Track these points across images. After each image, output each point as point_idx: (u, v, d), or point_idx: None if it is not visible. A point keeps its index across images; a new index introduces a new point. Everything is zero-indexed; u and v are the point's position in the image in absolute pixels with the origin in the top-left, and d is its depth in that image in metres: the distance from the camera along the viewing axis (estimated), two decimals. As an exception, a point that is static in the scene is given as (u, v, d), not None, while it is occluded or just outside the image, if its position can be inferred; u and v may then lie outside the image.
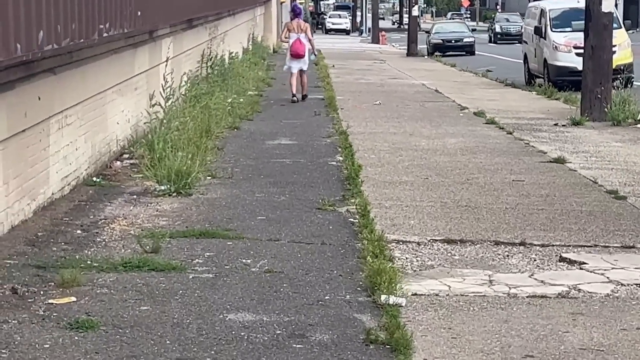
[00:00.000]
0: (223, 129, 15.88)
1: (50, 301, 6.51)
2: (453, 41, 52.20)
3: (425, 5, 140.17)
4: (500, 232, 8.90)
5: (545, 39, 27.98)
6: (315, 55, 23.48)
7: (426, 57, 49.71)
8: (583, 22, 28.15)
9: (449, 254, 8.15)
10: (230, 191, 10.79)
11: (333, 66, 35.60)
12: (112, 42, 11.82)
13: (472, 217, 9.56)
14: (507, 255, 8.11)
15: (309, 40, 22.05)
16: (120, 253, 7.86)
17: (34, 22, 8.05)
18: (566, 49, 27.27)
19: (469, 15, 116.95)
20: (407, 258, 7.99)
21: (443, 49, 51.19)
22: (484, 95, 24.70)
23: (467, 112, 20.01)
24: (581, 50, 26.98)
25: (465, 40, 52.46)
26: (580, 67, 26.84)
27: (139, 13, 13.01)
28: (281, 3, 60.48)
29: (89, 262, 7.51)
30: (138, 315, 6.27)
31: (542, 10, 29.04)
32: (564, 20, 28.30)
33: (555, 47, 27.40)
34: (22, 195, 8.78)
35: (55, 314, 6.24)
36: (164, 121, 14.09)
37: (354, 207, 9.73)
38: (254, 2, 37.45)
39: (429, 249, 8.32)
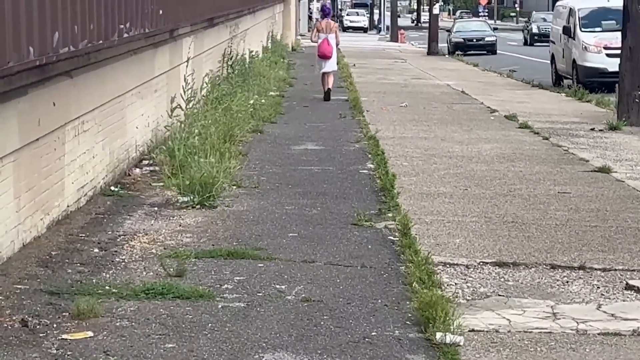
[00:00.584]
0: (246, 132, 15.17)
1: (64, 336, 5.80)
2: (474, 40, 51.37)
3: (442, 4, 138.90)
4: (555, 254, 8.16)
5: (574, 39, 27.18)
6: (337, 49, 23.05)
7: (447, 56, 48.88)
8: (613, 21, 27.61)
9: (502, 279, 7.41)
10: (257, 203, 10.09)
11: (354, 65, 34.86)
12: (132, 42, 11.12)
13: (521, 235, 8.82)
14: (567, 282, 7.37)
15: (336, 39, 21.97)
16: (141, 276, 7.16)
17: (49, 23, 7.35)
18: (596, 50, 26.48)
19: (487, 14, 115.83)
20: (456, 284, 7.26)
21: (464, 47, 50.32)
22: (512, 97, 23.93)
23: (497, 115, 19.25)
24: (612, 51, 26.38)
25: (487, 39, 51.62)
26: (610, 69, 26.23)
27: (161, 12, 12.32)
28: (299, 1, 59.81)
29: (107, 287, 6.81)
30: (163, 355, 5.56)
31: (570, 9, 28.23)
32: (593, 20, 27.50)
33: (585, 47, 26.60)
34: (35, 210, 8.09)
35: (69, 353, 5.54)
36: (185, 125, 13.40)
37: (393, 222, 9.01)
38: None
39: (480, 272, 7.59)
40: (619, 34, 26.73)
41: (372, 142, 14.49)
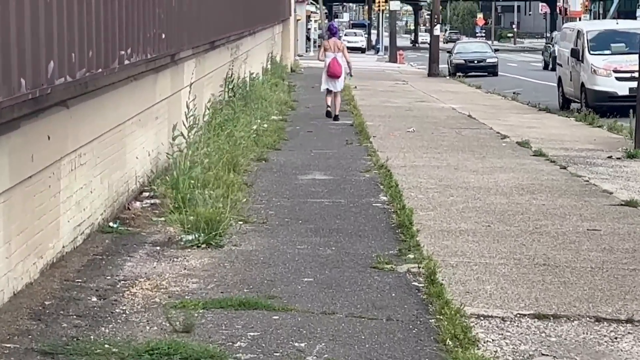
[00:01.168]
0: (250, 161, 14.50)
1: (58, 410, 5.11)
2: (476, 61, 50.81)
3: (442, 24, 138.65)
4: (597, 303, 7.46)
5: (582, 62, 26.55)
6: (350, 75, 23.31)
7: (448, 77, 48.31)
8: (622, 44, 27.04)
9: (544, 335, 6.70)
10: (267, 241, 9.39)
11: (355, 87, 34.21)
12: (133, 68, 10.45)
13: (557, 280, 8.12)
14: (615, 338, 6.67)
15: (347, 61, 21.84)
16: (144, 332, 6.45)
17: (43, 51, 6.66)
18: (605, 73, 25.87)
19: (484, 35, 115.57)
20: (494, 341, 6.55)
21: (465, 69, 49.75)
22: (521, 122, 23.28)
23: (509, 142, 18.58)
24: (622, 75, 25.79)
25: (488, 60, 51.08)
26: (620, 92, 25.66)
27: (163, 36, 11.65)
28: (297, 21, 59.33)
29: (107, 345, 6.10)
30: None
31: (578, 31, 27.62)
32: (602, 42, 26.89)
33: (594, 70, 25.98)
34: (28, 254, 7.39)
35: None
36: (188, 154, 12.72)
37: (416, 265, 8.32)
38: (274, 19, 36.15)
39: (518, 326, 6.88)
40: (629, 57, 26.23)
41: (382, 172, 13.81)
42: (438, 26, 49.73)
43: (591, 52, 26.48)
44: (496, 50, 55.93)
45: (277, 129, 19.21)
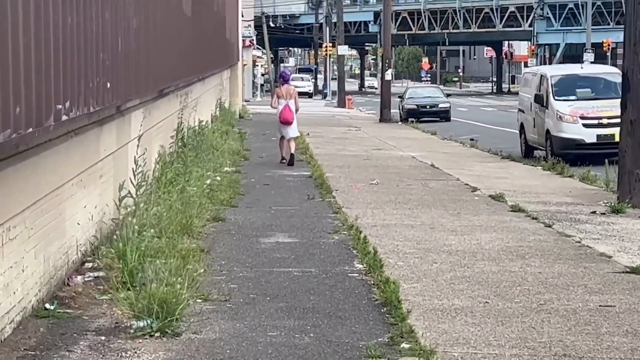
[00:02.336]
0: (206, 221, 13.08)
1: None
2: (428, 107, 49.91)
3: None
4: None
5: (547, 108, 25.51)
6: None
7: (400, 123, 47.32)
8: (588, 89, 26.04)
9: None
10: (232, 326, 7.97)
11: (308, 134, 32.98)
12: (71, 123, 9.01)
13: (586, 378, 6.79)
14: None
15: (296, 106, 22.24)
16: None
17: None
18: (572, 120, 24.86)
19: (429, 79, 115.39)
20: None
21: (417, 114, 48.82)
22: (487, 172, 22.09)
23: (481, 195, 17.33)
24: (589, 121, 24.78)
25: (440, 105, 50.19)
26: (587, 140, 24.63)
27: (108, 85, 10.24)
28: (244, 65, 58.14)
29: None
30: None
31: (542, 76, 26.61)
32: (567, 87, 25.91)
33: (560, 117, 24.94)
34: (-61, 360, 5.92)
35: None
36: (137, 217, 11.29)
37: (415, 360, 6.94)
38: (223, 64, 34.84)
39: None
40: (595, 103, 25.29)
41: (353, 233, 12.45)
42: (389, 71, 48.79)
43: (556, 97, 25.46)
44: (449, 95, 55.08)
45: (232, 182, 17.82)
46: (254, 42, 79.02)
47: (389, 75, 48.51)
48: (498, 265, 10.76)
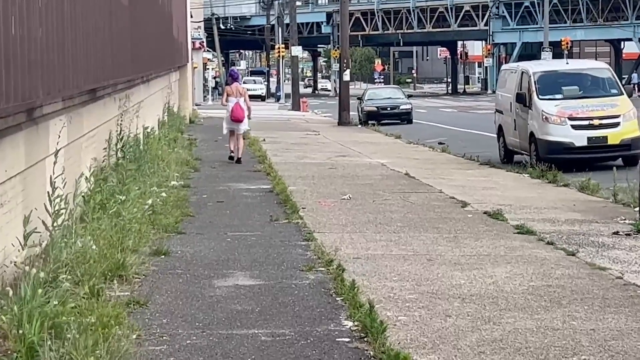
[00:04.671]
0: (145, 257, 10.30)
1: None
2: (389, 108, 47.26)
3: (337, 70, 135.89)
4: None
5: (530, 108, 22.93)
6: (249, 118, 23.45)
7: (359, 126, 44.70)
8: (575, 87, 23.44)
9: None
10: None
11: (264, 140, 30.28)
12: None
13: None
14: None
15: (247, 105, 22.55)
16: None
17: None
18: (559, 121, 22.32)
19: (382, 80, 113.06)
20: None
21: (378, 117, 46.19)
22: (470, 181, 19.47)
23: (473, 211, 14.70)
24: (578, 122, 22.23)
25: (401, 107, 47.55)
26: (577, 143, 22.07)
27: (12, 83, 7.46)
28: (194, 68, 55.30)
29: None
30: None
31: (523, 73, 24.02)
32: (552, 85, 23.36)
33: (546, 118, 22.39)
34: None
35: None
36: (49, 257, 8.53)
37: None
38: (170, 65, 31.97)
39: None
40: (584, 102, 22.72)
41: (333, 271, 9.74)
42: (348, 71, 46.05)
43: (540, 96, 22.88)
44: (410, 97, 52.52)
45: (179, 200, 15.05)
46: (204, 44, 76.23)
47: (347, 75, 45.79)
48: (532, 318, 8.07)
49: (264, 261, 10.50)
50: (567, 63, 24.81)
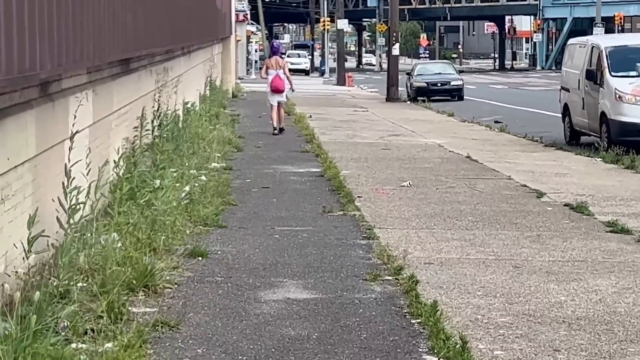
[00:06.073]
0: (177, 259, 8.69)
1: None
2: (439, 84, 45.31)
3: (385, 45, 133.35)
4: None
5: (601, 86, 21.03)
6: (292, 90, 23.68)
7: (408, 102, 42.84)
8: (653, 64, 21.57)
9: None
10: None
11: (310, 117, 28.62)
12: None
13: None
14: None
15: (287, 77, 22.70)
16: None
17: None
18: (634, 100, 20.38)
19: (427, 55, 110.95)
20: None
21: (428, 93, 44.20)
22: (540, 166, 17.67)
23: (551, 203, 12.99)
24: (657, 102, 20.41)
25: (452, 83, 45.59)
26: (657, 125, 20.26)
27: (15, 50, 5.86)
28: (237, 41, 53.68)
29: None
30: None
31: (593, 47, 22.11)
32: (626, 61, 21.38)
33: (619, 97, 20.47)
34: None
35: None
36: (62, 266, 6.99)
37: None
38: (213, 37, 30.35)
39: None
40: (664, 79, 20.84)
41: (403, 282, 8.09)
42: (397, 45, 44.20)
43: (613, 73, 20.97)
44: (461, 72, 50.57)
45: (220, 185, 13.45)
46: (248, 16, 74.55)
47: (396, 49, 43.96)
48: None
49: (319, 266, 8.86)
50: (642, 37, 22.90)
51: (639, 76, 20.94)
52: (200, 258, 9.00)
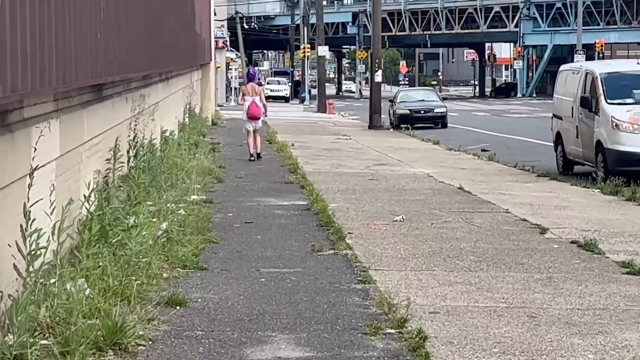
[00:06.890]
0: (152, 308, 7.71)
1: None
2: (422, 112, 44.51)
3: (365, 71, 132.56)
4: None
5: (597, 114, 20.21)
6: (265, 115, 23.96)
7: (391, 130, 41.96)
8: (650, 91, 20.79)
9: None
10: None
11: (293, 145, 27.73)
12: None
13: None
14: None
15: (263, 104, 22.80)
16: None
17: None
18: (632, 128, 19.56)
19: (407, 82, 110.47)
20: None
21: (411, 120, 43.36)
22: (537, 198, 16.76)
23: (557, 239, 12.09)
24: (655, 130, 19.58)
25: (436, 110, 44.79)
26: (656, 154, 19.41)
27: None
28: (217, 68, 52.78)
29: None
30: None
31: (587, 74, 21.30)
32: (622, 88, 20.60)
33: (616, 125, 19.63)
34: None
35: None
36: (15, 322, 6.01)
37: None
38: (192, 63, 29.42)
39: None
40: (662, 107, 20.05)
41: (408, 337, 7.13)
42: (379, 72, 43.30)
43: (609, 100, 20.15)
44: (444, 99, 49.83)
45: (200, 220, 12.50)
46: (228, 43, 73.76)
47: (379, 76, 43.10)
48: None
49: (312, 316, 7.90)
50: (638, 63, 22.07)
51: (636, 103, 20.15)
52: (178, 307, 8.02)
